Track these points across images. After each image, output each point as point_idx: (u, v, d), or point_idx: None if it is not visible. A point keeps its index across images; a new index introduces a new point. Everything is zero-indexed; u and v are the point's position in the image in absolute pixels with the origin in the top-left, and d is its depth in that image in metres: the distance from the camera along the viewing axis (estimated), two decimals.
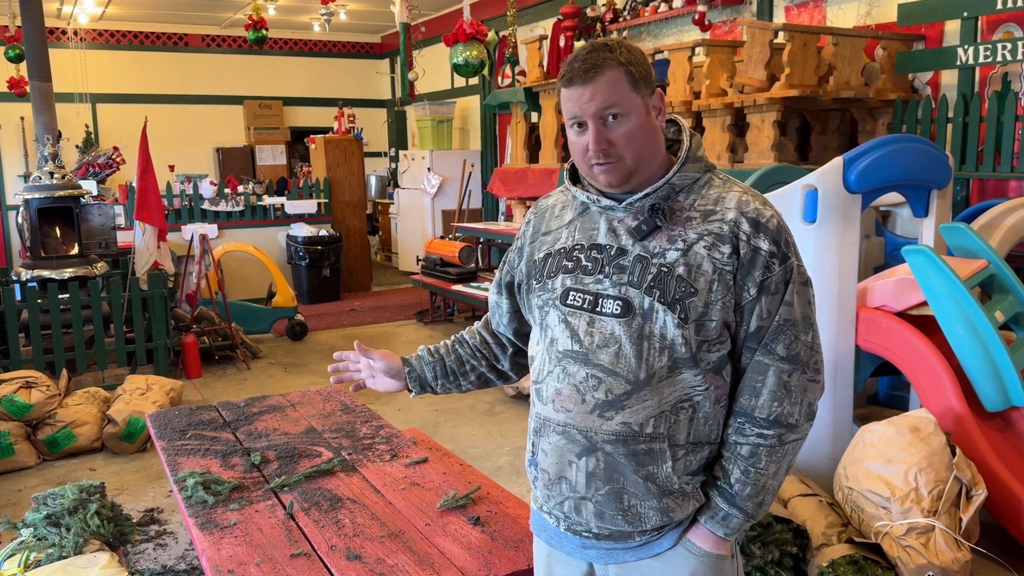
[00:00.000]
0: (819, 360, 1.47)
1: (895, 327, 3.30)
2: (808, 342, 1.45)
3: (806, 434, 1.48)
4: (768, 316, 1.42)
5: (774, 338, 1.43)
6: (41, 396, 4.38)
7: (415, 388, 1.83)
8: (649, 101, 1.44)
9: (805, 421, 1.46)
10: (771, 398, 1.43)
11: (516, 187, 7.18)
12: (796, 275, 1.44)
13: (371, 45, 12.31)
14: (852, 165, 3.30)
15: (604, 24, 6.98)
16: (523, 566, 1.94)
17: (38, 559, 2.56)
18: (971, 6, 4.48)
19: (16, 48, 8.30)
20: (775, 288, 1.42)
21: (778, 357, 1.43)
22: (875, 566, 2.68)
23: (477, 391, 5.42)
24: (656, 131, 1.46)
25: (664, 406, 1.42)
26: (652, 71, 1.46)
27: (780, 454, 1.45)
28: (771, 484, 1.46)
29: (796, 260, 1.45)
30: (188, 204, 8.24)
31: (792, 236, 1.47)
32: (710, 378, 1.44)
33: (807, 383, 1.45)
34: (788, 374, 1.43)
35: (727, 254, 1.40)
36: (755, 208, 1.43)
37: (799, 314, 1.44)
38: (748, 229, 1.41)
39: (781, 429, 1.44)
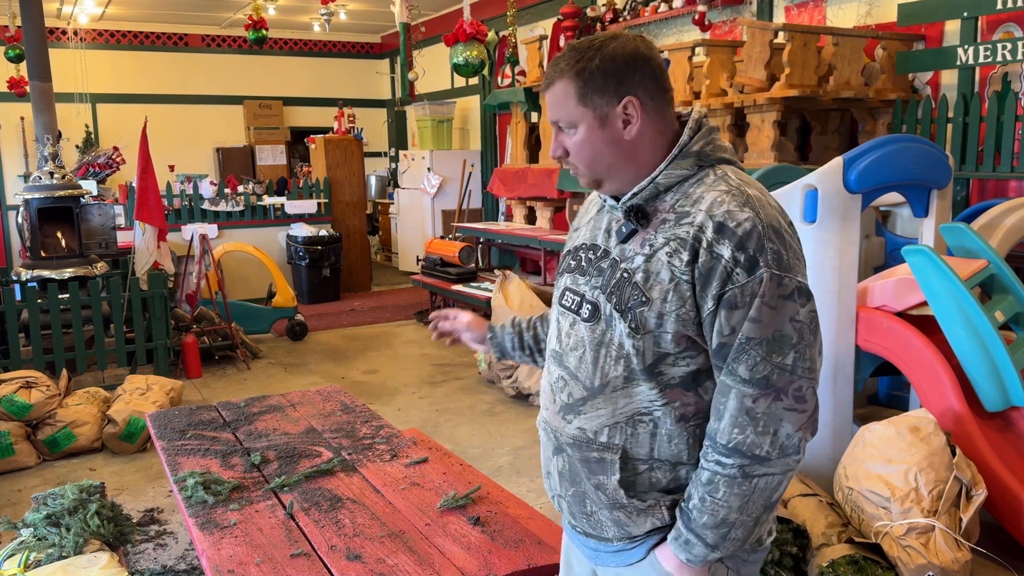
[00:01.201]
0: (803, 387, 1.28)
1: (895, 327, 3.30)
2: (784, 365, 1.27)
3: (787, 470, 1.30)
4: (731, 333, 1.28)
5: (736, 357, 1.28)
6: (41, 396, 4.38)
7: (496, 353, 1.82)
8: (610, 111, 1.34)
9: (779, 456, 1.28)
10: (731, 423, 1.29)
11: (516, 187, 7.18)
12: (768, 287, 1.25)
13: (371, 45, 12.31)
14: (852, 165, 3.30)
15: (604, 24, 6.98)
16: (523, 566, 1.94)
17: (38, 559, 2.56)
18: (971, 6, 4.48)
19: (16, 48, 8.30)
20: (737, 301, 1.26)
21: (740, 379, 1.28)
22: (875, 566, 2.68)
23: (477, 392, 5.43)
24: (618, 142, 1.36)
25: (619, 417, 1.37)
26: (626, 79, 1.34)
27: (745, 488, 1.29)
28: (736, 519, 1.31)
29: (772, 270, 1.26)
30: (188, 204, 8.24)
31: (778, 242, 1.28)
32: (672, 394, 1.35)
33: (782, 411, 1.27)
34: (752, 399, 1.27)
35: (685, 261, 1.28)
36: (726, 211, 1.28)
37: (771, 332, 1.26)
38: (711, 234, 1.27)
39: (743, 460, 1.28)
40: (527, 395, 5.17)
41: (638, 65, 1.35)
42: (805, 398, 1.29)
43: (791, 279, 1.27)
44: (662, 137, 1.39)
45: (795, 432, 1.28)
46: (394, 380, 5.79)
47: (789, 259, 1.28)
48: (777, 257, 1.27)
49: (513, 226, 7.62)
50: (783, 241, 1.28)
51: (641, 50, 1.36)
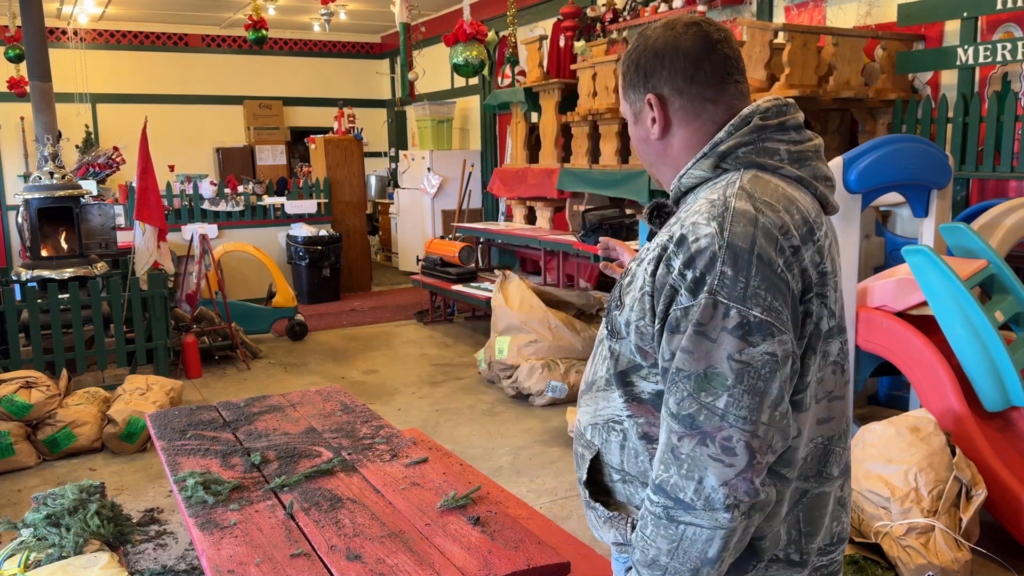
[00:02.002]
0: (732, 438, 1.09)
1: (895, 327, 3.30)
2: (714, 407, 1.10)
3: (715, 527, 1.10)
4: (669, 359, 1.15)
5: (668, 387, 1.15)
6: (41, 396, 4.38)
7: None
8: (641, 107, 1.28)
9: (704, 508, 1.10)
10: (660, 458, 1.16)
11: (516, 187, 7.18)
12: (706, 315, 1.10)
13: (371, 45, 12.31)
14: (852, 165, 3.30)
15: (604, 24, 6.98)
16: (523, 566, 1.94)
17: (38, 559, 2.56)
18: (971, 6, 4.48)
19: (16, 48, 8.30)
20: (679, 325, 1.13)
21: (669, 412, 1.14)
22: (875, 566, 2.68)
23: (477, 392, 5.43)
24: (647, 141, 1.30)
25: (598, 418, 1.32)
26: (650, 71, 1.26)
27: (671, 532, 1.13)
28: (668, 564, 1.14)
29: (717, 297, 1.09)
30: (188, 204, 8.24)
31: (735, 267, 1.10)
32: (639, 409, 1.25)
33: (706, 459, 1.10)
34: (677, 437, 1.13)
35: (650, 272, 1.18)
36: (693, 222, 1.15)
37: (702, 367, 1.10)
38: (672, 246, 1.15)
39: (667, 500, 1.13)
40: (527, 395, 5.17)
41: (667, 58, 1.24)
42: (734, 451, 1.10)
43: (740, 311, 1.09)
44: (704, 135, 1.26)
45: (720, 486, 1.10)
46: (394, 380, 5.79)
47: (748, 288, 1.10)
48: (729, 284, 1.10)
49: (513, 226, 7.62)
50: (746, 267, 1.10)
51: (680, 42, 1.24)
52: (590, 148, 6.20)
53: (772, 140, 1.23)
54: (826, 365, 1.22)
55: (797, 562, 1.24)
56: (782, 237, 1.14)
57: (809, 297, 1.17)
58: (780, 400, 1.12)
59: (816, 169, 1.25)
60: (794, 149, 1.24)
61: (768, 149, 1.22)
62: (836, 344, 1.24)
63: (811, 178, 1.24)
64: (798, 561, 1.24)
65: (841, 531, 1.30)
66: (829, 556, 1.29)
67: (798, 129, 1.25)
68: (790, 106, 1.26)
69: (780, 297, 1.12)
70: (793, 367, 1.15)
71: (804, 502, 1.24)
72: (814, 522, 1.25)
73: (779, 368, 1.11)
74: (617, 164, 5.84)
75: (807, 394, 1.19)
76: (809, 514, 1.24)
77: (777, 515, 1.21)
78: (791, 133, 1.24)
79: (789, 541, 1.23)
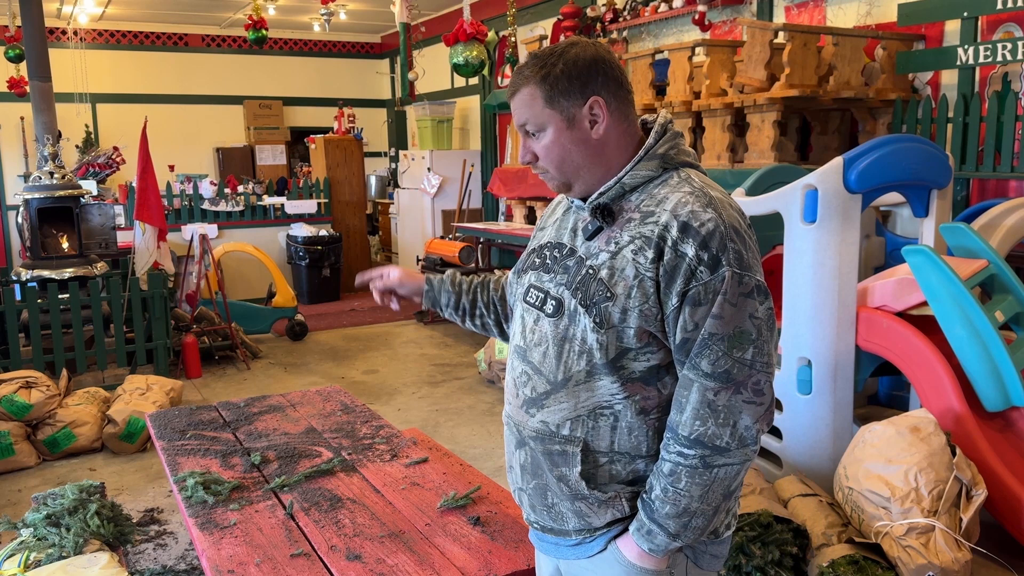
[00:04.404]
0: (761, 381, 1.34)
1: (895, 327, 3.30)
2: (744, 359, 1.32)
3: (745, 460, 1.35)
4: (694, 328, 1.33)
5: (699, 352, 1.33)
6: (41, 396, 4.38)
7: (427, 303, 1.85)
8: (577, 112, 1.40)
9: (739, 446, 1.34)
10: (693, 416, 1.34)
11: (516, 187, 7.18)
12: (730, 285, 1.31)
13: (371, 45, 12.31)
14: (852, 165, 3.30)
15: (604, 24, 6.98)
16: (523, 566, 1.94)
17: (38, 559, 2.56)
18: (971, 6, 4.47)
19: (16, 48, 8.29)
20: (701, 298, 1.31)
21: (703, 373, 1.33)
22: (875, 566, 2.68)
23: (477, 392, 5.43)
24: (586, 142, 1.41)
25: (580, 410, 1.41)
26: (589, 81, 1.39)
27: (706, 478, 1.34)
28: (698, 508, 1.35)
29: (734, 268, 1.31)
30: (188, 204, 8.24)
31: (739, 242, 1.33)
32: (633, 387, 1.39)
33: (742, 404, 1.33)
34: (714, 392, 1.32)
35: (650, 259, 1.33)
36: (690, 211, 1.33)
37: (732, 328, 1.32)
38: (676, 233, 1.32)
39: (705, 451, 1.33)
40: None
41: (600, 67, 1.40)
42: (763, 391, 1.34)
43: (751, 277, 1.33)
44: (627, 138, 1.44)
45: (753, 424, 1.34)
46: (394, 380, 5.79)
47: (749, 258, 1.34)
48: (738, 256, 1.32)
49: (513, 226, 7.62)
50: (743, 241, 1.34)
51: (601, 54, 1.42)
52: None
53: (683, 143, 1.46)
54: None
55: None
56: (744, 217, 1.40)
57: None
58: (776, 344, 1.39)
59: None
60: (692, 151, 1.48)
61: (686, 151, 1.46)
62: None
63: None
64: None
65: None
66: None
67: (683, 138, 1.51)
68: None
69: (759, 263, 1.38)
70: None
71: None
72: None
73: (775, 318, 1.38)
74: None
75: None
76: None
77: None
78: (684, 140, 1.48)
79: None
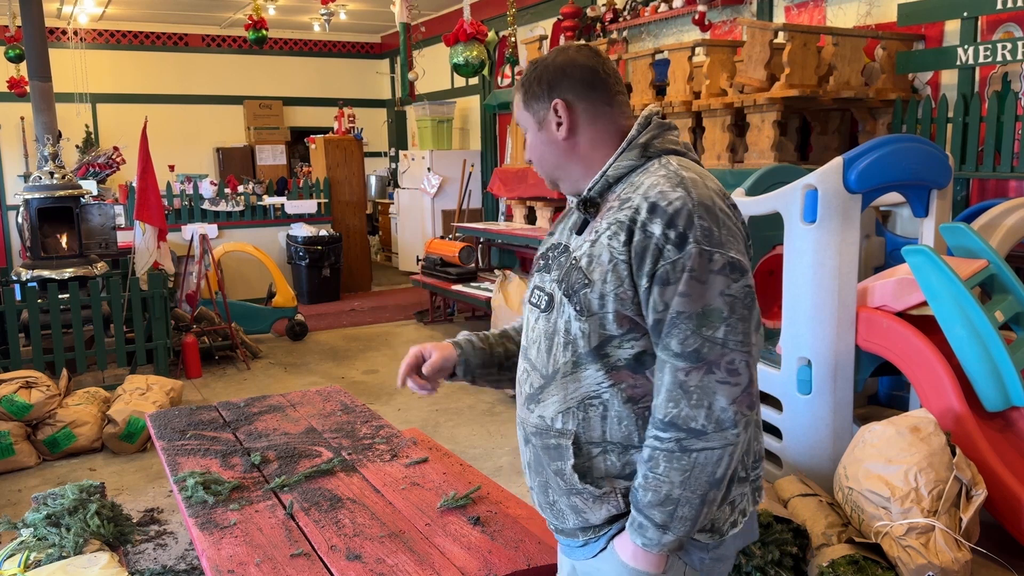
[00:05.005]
0: (735, 360, 1.30)
1: (895, 327, 3.30)
2: (715, 338, 1.29)
3: (727, 444, 1.31)
4: (664, 309, 1.31)
5: (668, 332, 1.31)
6: (41, 396, 4.38)
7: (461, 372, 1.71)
8: (545, 114, 1.48)
9: (716, 429, 1.29)
10: (666, 397, 1.32)
11: (516, 187, 7.18)
12: (697, 262, 1.29)
13: (371, 45, 12.31)
14: (852, 165, 3.30)
15: (604, 24, 6.98)
16: (523, 566, 1.94)
17: (38, 559, 2.56)
18: (971, 6, 4.47)
19: (16, 48, 8.29)
20: (669, 277, 1.29)
21: (673, 353, 1.31)
22: (875, 566, 2.68)
23: (477, 392, 5.43)
24: (554, 143, 1.49)
25: (570, 402, 1.42)
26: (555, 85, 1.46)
27: (684, 463, 1.30)
28: (681, 495, 1.31)
29: (702, 245, 1.29)
30: (188, 204, 8.24)
31: (708, 219, 1.31)
32: (620, 375, 1.38)
33: (716, 384, 1.29)
34: (685, 372, 1.30)
35: (623, 242, 1.34)
36: (659, 191, 1.33)
37: (701, 306, 1.29)
38: (644, 214, 1.32)
39: (679, 433, 1.30)
40: None
41: (568, 70, 1.46)
42: (738, 371, 1.30)
43: (721, 254, 1.30)
44: (604, 135, 1.47)
45: (729, 405, 1.30)
46: (394, 380, 5.76)
47: (721, 235, 1.31)
48: (707, 233, 1.30)
49: (513, 226, 7.62)
50: (715, 218, 1.32)
51: (574, 58, 1.46)
52: None
53: (671, 134, 1.47)
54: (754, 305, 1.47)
55: (744, 477, 1.45)
56: (724, 198, 1.38)
57: (749, 244, 1.42)
58: (759, 324, 1.35)
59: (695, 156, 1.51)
60: (683, 141, 1.49)
61: (672, 140, 1.46)
62: None
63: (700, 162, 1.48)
64: (744, 477, 1.45)
65: (760, 449, 1.53)
66: (756, 471, 1.50)
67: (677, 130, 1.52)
68: None
69: (740, 242, 1.36)
70: None
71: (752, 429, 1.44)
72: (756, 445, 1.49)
73: (753, 298, 1.34)
74: None
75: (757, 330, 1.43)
76: (757, 438, 1.48)
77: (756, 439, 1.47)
78: (675, 130, 1.49)
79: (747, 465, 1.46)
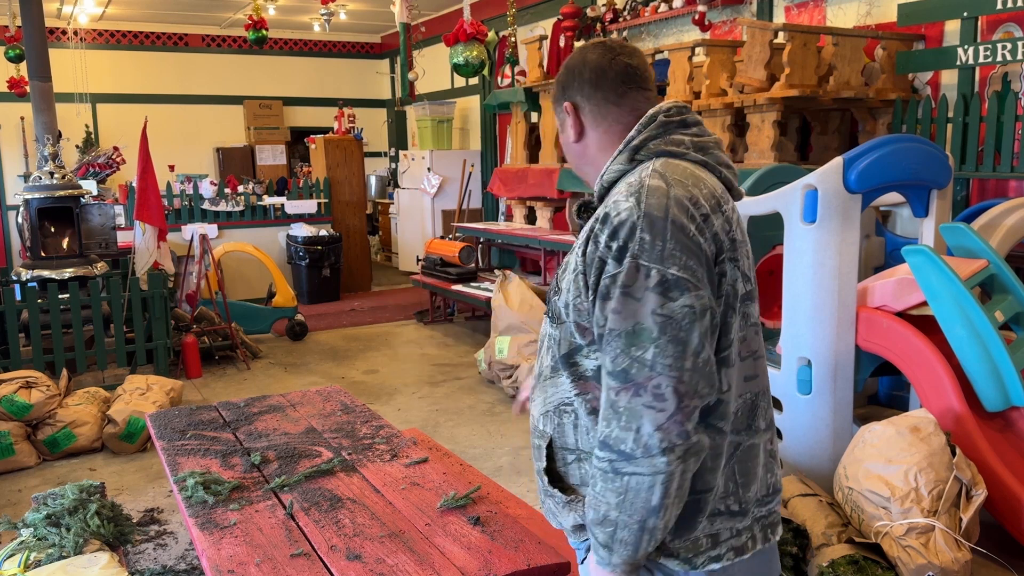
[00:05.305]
0: (662, 384, 1.21)
1: (895, 327, 3.30)
2: (643, 359, 1.22)
3: (656, 472, 1.22)
4: (603, 324, 1.27)
5: (604, 348, 1.27)
6: (41, 396, 4.38)
7: None
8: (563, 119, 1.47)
9: (644, 455, 1.21)
10: (602, 416, 1.27)
11: (516, 187, 7.18)
12: (630, 277, 1.23)
13: (371, 45, 12.31)
14: (852, 165, 3.30)
15: (604, 24, 6.98)
16: (523, 566, 1.94)
17: (38, 559, 2.56)
18: (971, 6, 4.47)
19: (16, 48, 8.30)
20: (608, 292, 1.25)
21: (607, 371, 1.26)
22: (875, 566, 2.68)
23: (477, 392, 5.42)
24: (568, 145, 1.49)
25: (548, 405, 1.42)
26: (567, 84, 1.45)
27: (618, 485, 1.24)
28: (618, 518, 1.25)
29: (640, 260, 1.23)
30: (188, 204, 8.24)
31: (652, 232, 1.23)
32: (586, 386, 1.36)
33: (642, 408, 1.22)
34: (615, 392, 1.24)
35: (581, 253, 1.32)
36: (615, 200, 1.29)
37: (631, 324, 1.23)
38: (598, 224, 1.29)
39: (611, 454, 1.24)
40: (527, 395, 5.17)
41: (577, 71, 1.43)
42: (664, 396, 1.21)
43: (659, 271, 1.22)
44: (613, 136, 1.43)
45: (655, 431, 1.21)
46: (394, 380, 5.79)
47: (664, 250, 1.23)
48: (648, 247, 1.23)
49: (513, 226, 7.62)
50: (660, 231, 1.23)
51: (585, 57, 1.43)
52: None
53: (677, 133, 1.38)
54: (747, 326, 1.36)
55: (737, 511, 1.35)
56: (692, 207, 1.28)
57: (722, 259, 1.30)
58: (701, 348, 1.24)
59: (717, 157, 1.40)
60: (696, 140, 1.38)
61: (674, 140, 1.37)
62: (755, 308, 1.40)
63: (715, 163, 1.39)
64: (738, 511, 1.36)
65: (775, 482, 1.43)
66: (767, 507, 1.41)
67: (698, 125, 1.41)
68: (688, 108, 1.42)
69: (694, 257, 1.25)
70: (713, 321, 1.27)
71: (738, 454, 1.36)
72: (748, 472, 1.37)
73: (697, 319, 1.24)
74: None
75: (732, 351, 1.32)
76: (743, 465, 1.36)
77: (717, 467, 1.32)
78: (692, 128, 1.39)
79: (727, 492, 1.34)
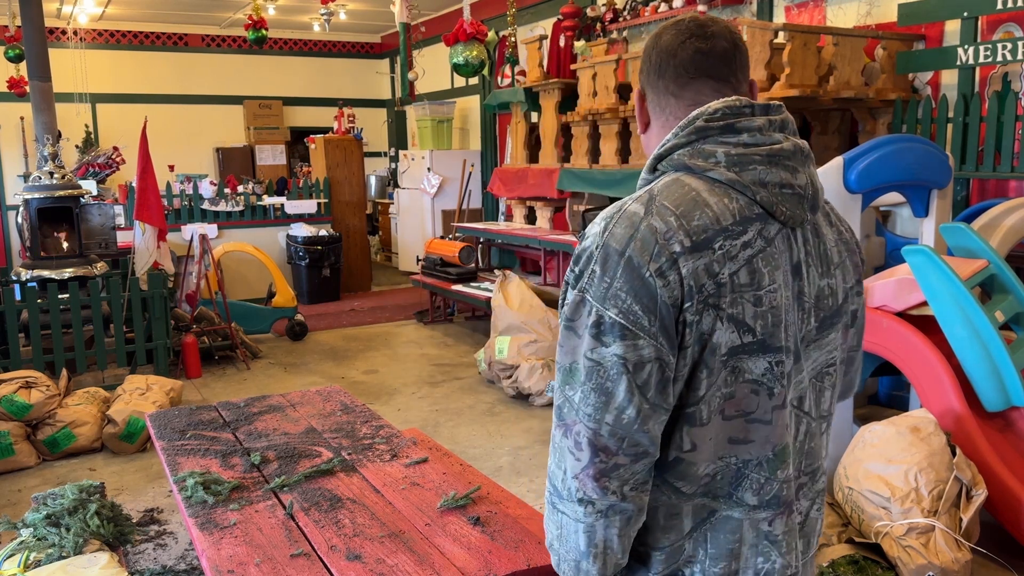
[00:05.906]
0: (581, 433, 1.10)
1: (895, 327, 3.30)
2: (572, 400, 1.12)
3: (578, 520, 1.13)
4: None
5: None
6: (41, 396, 4.38)
7: None
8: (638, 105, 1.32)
9: (568, 498, 1.13)
10: None
11: (516, 187, 7.18)
12: (575, 311, 1.12)
13: (371, 45, 12.31)
14: (852, 165, 3.30)
15: (604, 24, 6.98)
16: (523, 566, 1.94)
17: (38, 559, 2.56)
18: (971, 6, 4.48)
19: (16, 48, 8.30)
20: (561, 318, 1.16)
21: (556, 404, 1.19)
22: (875, 566, 2.68)
23: (477, 392, 5.43)
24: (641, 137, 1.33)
25: None
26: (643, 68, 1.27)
27: (556, 519, 1.17)
28: (559, 549, 1.18)
29: (585, 295, 1.11)
30: (188, 204, 8.24)
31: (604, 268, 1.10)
32: None
33: (566, 451, 1.13)
34: (554, 426, 1.16)
35: None
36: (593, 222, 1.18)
37: (568, 361, 1.12)
38: None
39: (551, 488, 1.17)
40: (527, 395, 5.17)
41: (646, 55, 1.26)
42: (580, 445, 1.10)
43: (598, 311, 1.09)
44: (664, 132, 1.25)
45: (572, 479, 1.12)
46: (394, 380, 5.78)
47: (611, 289, 1.09)
48: (596, 282, 1.10)
49: (513, 226, 7.62)
50: (613, 268, 1.10)
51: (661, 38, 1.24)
52: (590, 148, 6.20)
53: (712, 142, 1.16)
54: (739, 383, 1.14)
55: None
56: (661, 243, 1.10)
57: (688, 307, 1.09)
58: (626, 405, 1.09)
59: (760, 176, 1.15)
60: (738, 153, 1.15)
61: (703, 151, 1.16)
62: (761, 363, 1.14)
63: (750, 183, 1.14)
64: None
65: (771, 571, 1.20)
66: None
67: (753, 132, 1.17)
68: (751, 108, 1.18)
69: (640, 302, 1.09)
70: (663, 375, 1.10)
71: (711, 522, 1.18)
72: (721, 546, 1.18)
73: (627, 373, 1.08)
74: (617, 164, 5.83)
75: (702, 408, 1.13)
76: (716, 536, 1.18)
77: (676, 527, 1.17)
78: (741, 135, 1.16)
79: (692, 559, 1.18)
